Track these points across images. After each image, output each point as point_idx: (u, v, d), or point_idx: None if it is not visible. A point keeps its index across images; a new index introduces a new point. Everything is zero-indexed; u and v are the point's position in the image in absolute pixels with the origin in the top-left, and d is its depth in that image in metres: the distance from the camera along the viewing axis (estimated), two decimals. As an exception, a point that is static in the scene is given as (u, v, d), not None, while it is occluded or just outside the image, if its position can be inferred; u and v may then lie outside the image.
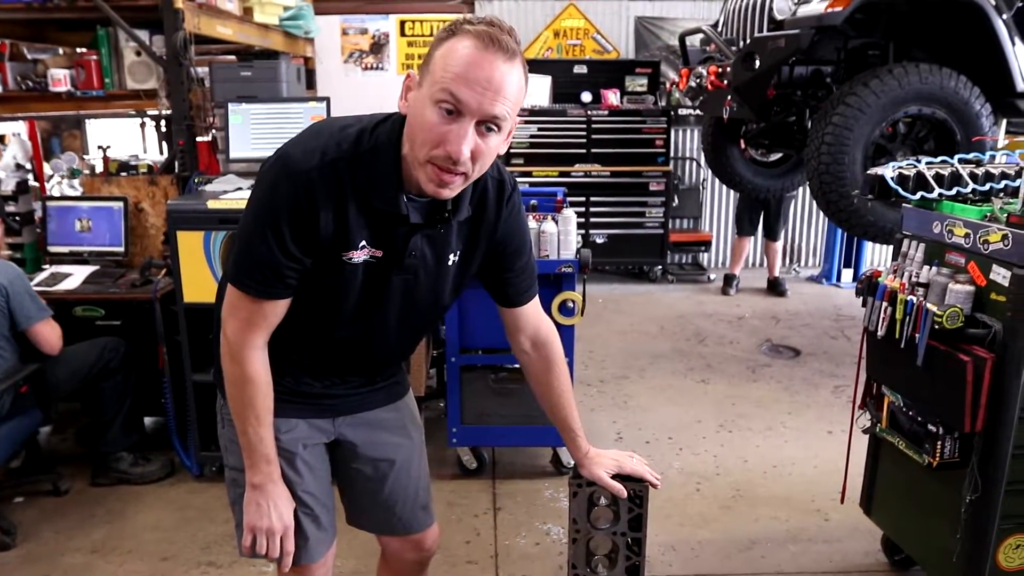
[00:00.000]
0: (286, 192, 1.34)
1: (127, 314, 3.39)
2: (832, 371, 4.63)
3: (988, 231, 2.09)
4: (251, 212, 1.41)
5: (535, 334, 1.72)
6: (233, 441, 1.58)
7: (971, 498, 2.15)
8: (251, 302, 1.42)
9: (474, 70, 1.24)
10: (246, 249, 1.41)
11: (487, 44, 1.25)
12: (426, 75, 1.30)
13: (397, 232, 1.42)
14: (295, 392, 1.59)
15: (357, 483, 1.75)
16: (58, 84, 3.78)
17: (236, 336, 1.45)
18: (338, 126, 1.40)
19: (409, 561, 1.89)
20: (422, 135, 1.29)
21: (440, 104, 1.26)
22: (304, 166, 1.33)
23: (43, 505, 3.14)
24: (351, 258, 1.41)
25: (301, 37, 5.56)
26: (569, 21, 7.09)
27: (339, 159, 1.35)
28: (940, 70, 3.75)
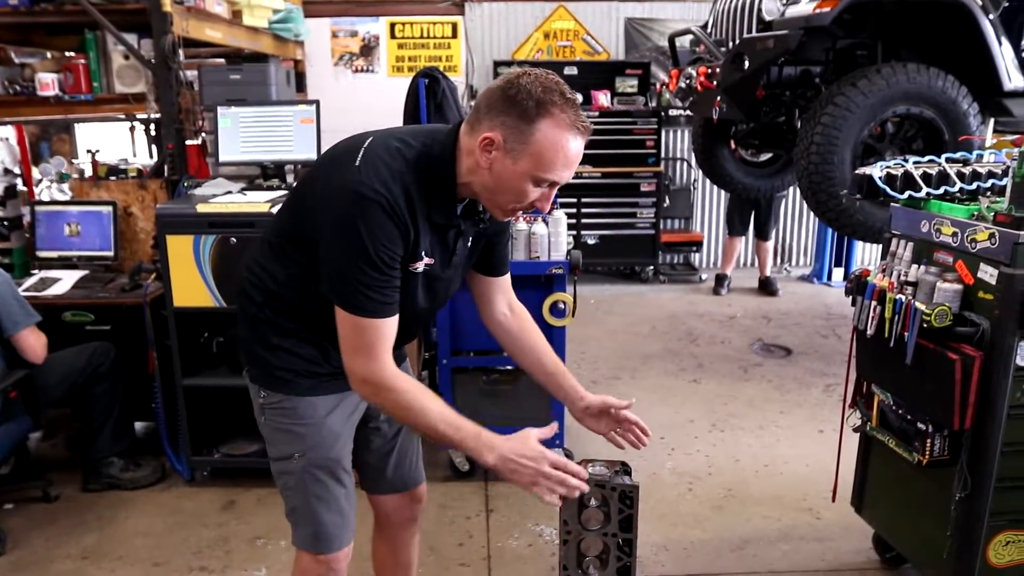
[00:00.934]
0: (387, 220, 1.47)
1: (117, 319, 3.37)
2: (823, 370, 4.65)
3: (975, 230, 2.10)
4: (350, 242, 1.47)
5: (510, 300, 1.90)
6: (276, 430, 1.73)
7: (961, 495, 2.16)
8: (371, 323, 1.52)
9: (572, 160, 1.47)
10: (357, 278, 1.48)
11: (580, 132, 1.46)
12: (522, 153, 1.45)
13: (448, 238, 1.62)
14: (335, 373, 1.67)
15: (375, 444, 1.93)
16: (46, 88, 3.76)
17: (371, 366, 1.53)
18: (395, 150, 1.52)
19: (405, 518, 2.07)
20: (514, 197, 1.51)
21: (540, 183, 1.49)
22: (387, 193, 1.46)
23: (33, 512, 3.12)
24: (415, 268, 1.57)
25: (291, 40, 5.55)
26: (559, 23, 7.10)
27: (409, 184, 1.50)
28: (928, 70, 3.77)
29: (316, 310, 1.61)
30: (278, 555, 2.81)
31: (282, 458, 1.75)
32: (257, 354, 1.73)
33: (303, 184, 1.67)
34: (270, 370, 1.71)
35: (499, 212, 1.56)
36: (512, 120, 1.43)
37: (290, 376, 1.69)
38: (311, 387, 1.70)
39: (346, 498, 1.80)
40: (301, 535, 1.81)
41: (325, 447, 1.73)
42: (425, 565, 2.69)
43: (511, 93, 1.43)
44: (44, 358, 2.94)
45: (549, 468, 1.50)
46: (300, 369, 1.69)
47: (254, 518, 3.06)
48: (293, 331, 1.69)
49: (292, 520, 1.81)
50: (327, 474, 1.75)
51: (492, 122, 1.45)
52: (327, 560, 1.81)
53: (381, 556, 2.16)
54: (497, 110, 1.44)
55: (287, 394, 1.70)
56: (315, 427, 1.72)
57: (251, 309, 1.71)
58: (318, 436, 1.72)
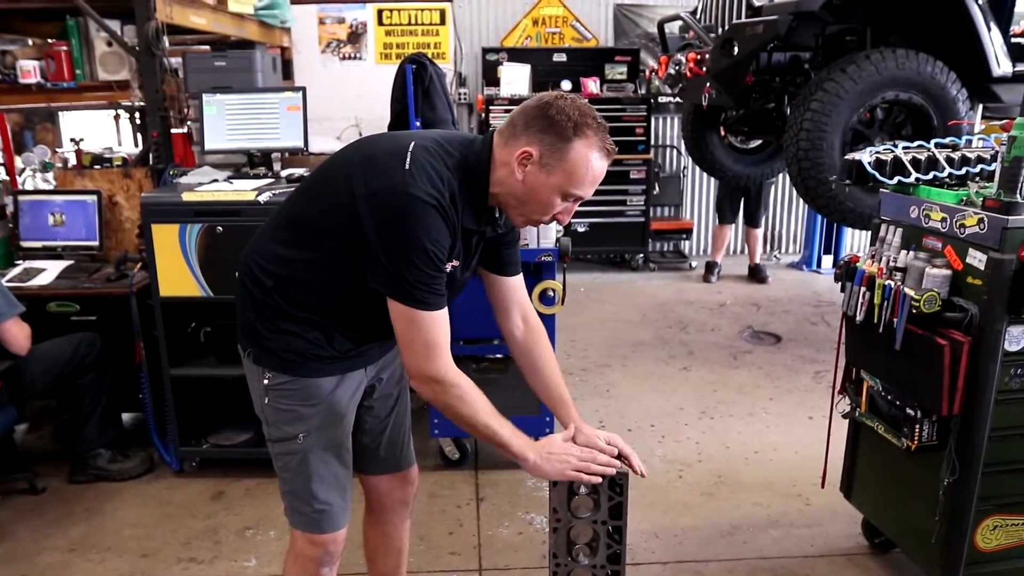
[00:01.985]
0: (440, 220, 1.56)
1: (103, 309, 3.34)
2: (812, 357, 4.66)
3: (964, 215, 2.10)
4: (411, 244, 1.54)
5: (525, 311, 1.91)
6: (280, 411, 1.76)
7: (949, 480, 2.17)
8: (433, 314, 1.59)
9: (597, 177, 1.60)
10: (418, 277, 1.56)
11: (609, 155, 1.59)
12: (556, 168, 1.57)
13: (471, 242, 1.70)
14: (342, 356, 1.76)
15: (368, 423, 1.97)
16: (27, 76, 3.70)
17: (435, 362, 1.61)
18: (437, 157, 1.60)
19: (397, 501, 2.11)
20: (541, 208, 1.62)
21: (567, 198, 1.61)
22: (437, 197, 1.55)
23: (19, 504, 3.10)
24: (447, 270, 1.63)
25: (277, 27, 5.49)
26: (548, 9, 7.06)
27: (455, 192, 1.59)
28: (917, 55, 3.76)
29: (326, 296, 1.69)
30: (267, 545, 2.80)
31: (284, 439, 1.78)
32: (263, 337, 1.76)
33: (334, 179, 1.66)
34: (277, 352, 1.74)
35: (521, 220, 1.67)
36: (550, 138, 1.55)
37: (297, 358, 1.73)
38: (317, 368, 1.75)
39: (347, 478, 1.85)
40: (298, 516, 1.83)
41: (330, 427, 1.79)
42: (416, 554, 2.68)
43: (550, 113, 1.55)
44: (27, 349, 2.91)
45: (578, 454, 1.68)
46: (307, 352, 1.73)
47: (243, 508, 3.04)
48: (301, 316, 1.72)
49: (289, 502, 1.84)
50: (332, 454, 1.80)
51: (531, 138, 1.56)
52: (323, 542, 1.83)
53: (373, 541, 2.17)
54: (536, 128, 1.56)
55: (294, 375, 1.74)
56: (320, 407, 1.77)
57: (259, 294, 1.74)
58: (323, 416, 1.77)
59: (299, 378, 1.75)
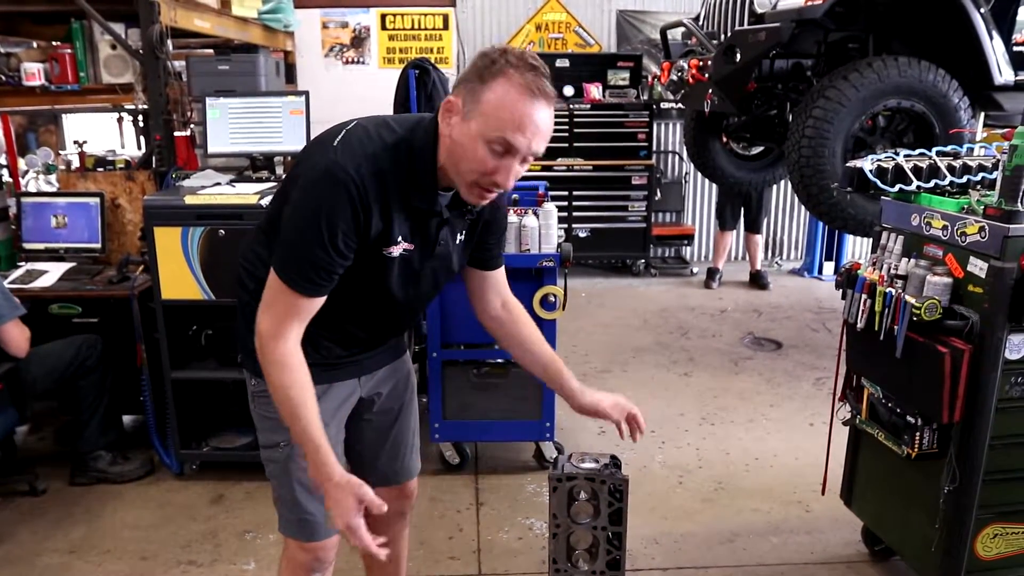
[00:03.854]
0: (345, 200, 1.45)
1: (104, 311, 3.34)
2: (813, 363, 4.66)
3: (965, 223, 2.10)
4: (308, 220, 1.49)
5: (505, 296, 1.88)
6: (264, 417, 1.73)
7: (949, 488, 2.17)
8: (296, 298, 1.52)
9: (526, 120, 1.41)
10: (300, 251, 1.50)
11: (536, 94, 1.40)
12: (475, 112, 1.43)
13: (429, 225, 1.59)
14: (327, 363, 1.72)
15: (367, 436, 1.93)
16: (32, 78, 3.72)
17: (271, 331, 1.53)
18: (374, 133, 1.53)
19: (394, 512, 1.98)
20: (471, 165, 1.45)
21: (492, 145, 1.42)
22: (356, 174, 1.46)
23: (20, 505, 3.10)
24: (390, 252, 1.56)
25: (280, 31, 5.51)
26: (551, 15, 7.07)
27: (384, 167, 1.49)
28: (919, 63, 3.77)
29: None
30: (267, 548, 2.80)
31: (269, 446, 1.77)
32: (248, 340, 1.68)
33: (291, 170, 1.67)
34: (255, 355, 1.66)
35: (465, 188, 1.51)
36: (470, 84, 1.44)
37: None
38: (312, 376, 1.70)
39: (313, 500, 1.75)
40: (286, 522, 1.81)
41: None
42: (415, 559, 2.68)
43: (478, 62, 1.45)
44: (26, 351, 2.91)
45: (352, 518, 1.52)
46: None
47: (243, 512, 3.05)
48: None
49: (278, 508, 1.82)
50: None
51: (456, 89, 1.48)
52: (313, 548, 1.81)
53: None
54: (462, 78, 1.47)
55: None
56: None
57: (244, 296, 1.71)
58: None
59: None
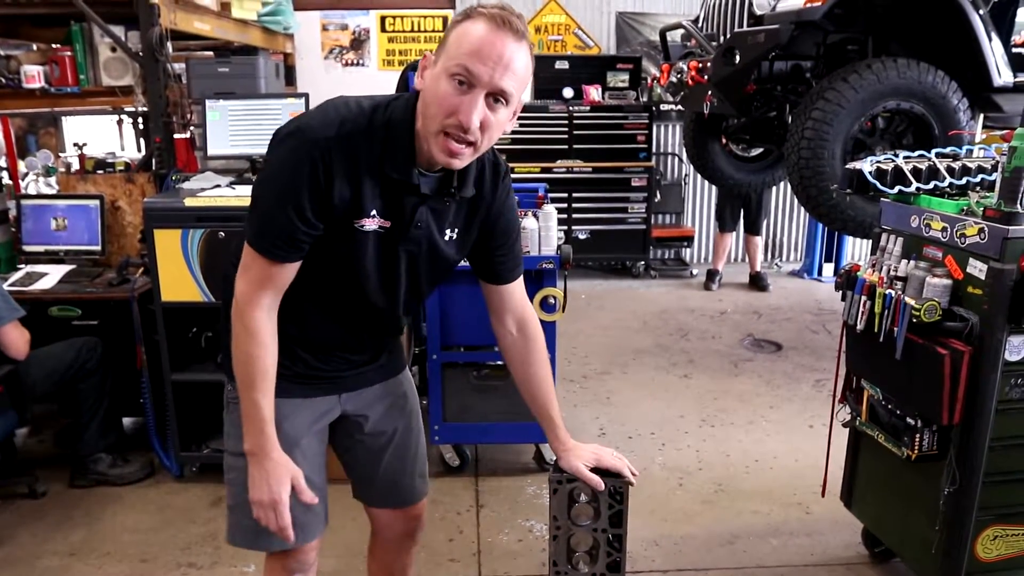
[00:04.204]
0: (306, 160, 1.40)
1: (104, 314, 3.34)
2: (813, 365, 4.66)
3: (965, 225, 2.10)
4: (269, 179, 1.48)
5: (521, 316, 1.77)
6: (235, 425, 1.65)
7: (949, 490, 2.17)
8: (265, 263, 1.48)
9: (487, 47, 1.35)
10: (265, 214, 1.47)
11: (499, 24, 1.36)
12: (441, 54, 1.40)
13: (406, 203, 1.50)
14: (304, 375, 1.66)
15: (360, 456, 1.83)
16: (32, 81, 3.72)
17: (245, 295, 1.51)
18: (352, 102, 1.48)
19: (399, 533, 1.96)
20: (436, 106, 1.38)
21: (454, 76, 1.36)
22: (323, 135, 1.41)
23: (19, 508, 3.10)
24: (362, 226, 1.48)
25: (280, 33, 5.51)
26: (550, 17, 7.08)
27: (355, 131, 1.43)
28: (918, 65, 3.77)
29: (286, 304, 1.56)
30: (267, 551, 2.80)
31: (235, 454, 1.67)
32: (227, 345, 1.66)
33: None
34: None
35: (433, 143, 1.40)
36: (443, 35, 1.42)
37: None
38: (284, 389, 1.61)
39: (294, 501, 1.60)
40: (241, 530, 1.69)
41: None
42: (415, 561, 2.67)
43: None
44: (26, 354, 2.90)
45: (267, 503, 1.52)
46: None
47: (243, 514, 3.04)
48: None
49: (233, 515, 1.72)
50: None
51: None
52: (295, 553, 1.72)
53: (373, 569, 2.06)
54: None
55: None
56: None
57: (227, 294, 1.64)
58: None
59: None
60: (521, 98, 1.47)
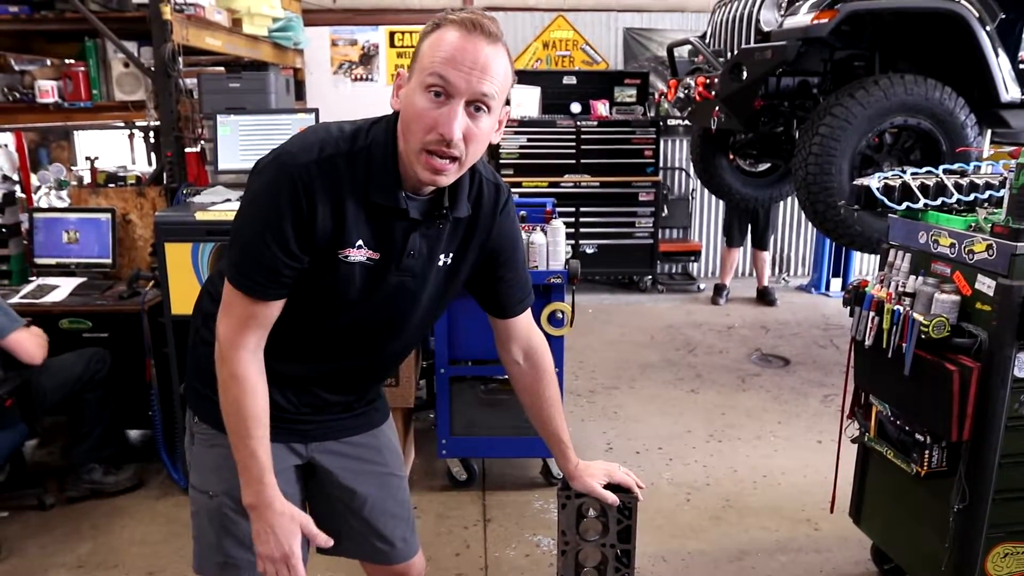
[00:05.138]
0: (286, 188, 1.34)
1: (114, 326, 3.36)
2: (821, 380, 4.65)
3: (973, 241, 2.10)
4: (249, 210, 1.41)
5: (527, 345, 1.71)
6: (200, 461, 1.58)
7: (959, 507, 2.16)
8: (248, 302, 1.40)
9: (460, 53, 1.28)
10: (245, 247, 1.40)
11: (471, 29, 1.29)
12: (415, 68, 1.33)
13: (395, 230, 1.42)
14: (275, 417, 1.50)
15: (333, 509, 1.70)
16: (45, 95, 3.76)
17: (228, 338, 1.41)
18: (334, 127, 1.42)
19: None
20: (415, 123, 1.32)
21: (430, 89, 1.29)
22: (302, 160, 1.34)
23: (28, 520, 3.11)
24: (347, 256, 1.40)
25: (290, 48, 5.55)
26: (558, 32, 7.13)
27: (336, 154, 1.36)
28: (925, 81, 3.78)
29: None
30: (274, 564, 2.80)
31: (200, 490, 1.58)
32: (191, 375, 1.60)
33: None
34: (202, 396, 1.56)
35: (417, 161, 1.34)
36: (415, 51, 1.35)
37: (218, 411, 1.47)
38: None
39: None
40: (207, 563, 1.60)
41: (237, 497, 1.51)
42: (422, 575, 2.67)
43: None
44: (42, 359, 2.89)
45: (277, 557, 1.42)
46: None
47: (250, 527, 3.04)
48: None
49: (197, 545, 1.62)
50: (242, 515, 1.50)
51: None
52: None
53: None
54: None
55: (217, 430, 1.50)
56: (235, 472, 1.47)
57: (196, 322, 1.59)
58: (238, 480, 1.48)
59: (220, 434, 1.48)
60: (506, 107, 1.40)
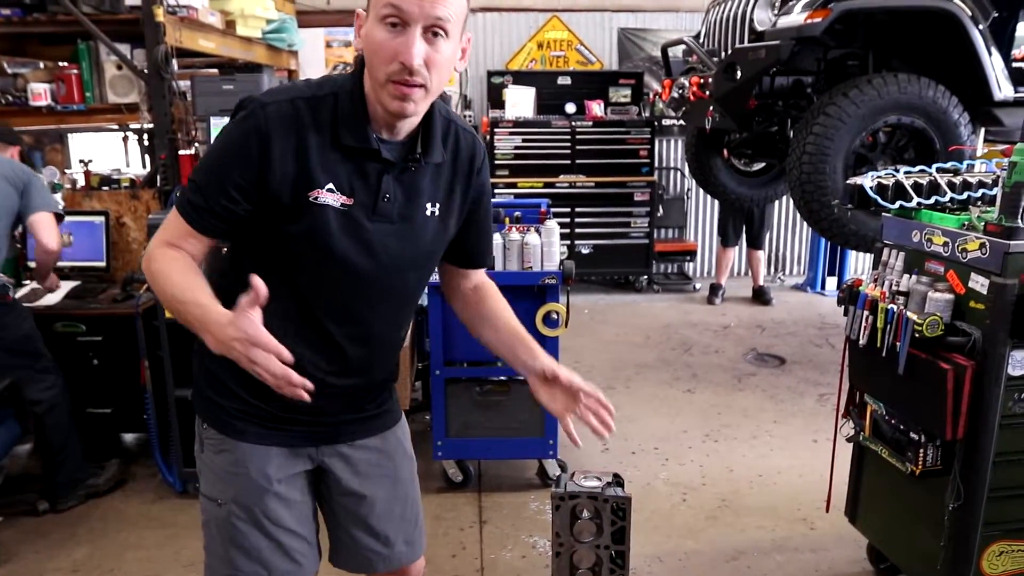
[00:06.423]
0: (241, 130, 1.37)
1: (108, 329, 3.36)
2: (817, 379, 4.65)
3: (966, 239, 2.11)
4: (210, 148, 1.46)
5: (478, 282, 1.72)
6: (208, 468, 1.56)
7: (954, 506, 2.16)
8: (183, 225, 1.40)
9: None
10: (194, 178, 1.42)
11: None
12: (371, 5, 1.34)
13: (368, 173, 1.41)
14: (279, 418, 1.51)
15: (339, 515, 1.67)
16: (38, 98, 3.74)
17: (156, 244, 1.42)
18: (303, 80, 1.47)
19: None
20: (377, 57, 1.33)
21: (386, 20, 1.30)
22: (263, 102, 1.37)
23: (22, 525, 3.09)
24: (316, 198, 1.37)
25: (284, 50, 5.54)
26: (552, 33, 7.13)
27: (299, 97, 1.38)
28: (919, 80, 3.79)
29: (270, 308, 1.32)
30: (270, 567, 2.79)
31: (209, 497, 1.56)
32: (197, 381, 1.57)
33: None
34: (209, 400, 1.54)
35: (383, 93, 1.34)
36: None
37: (228, 416, 1.51)
38: (255, 434, 1.51)
39: (272, 551, 1.54)
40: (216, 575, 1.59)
41: (253, 497, 1.52)
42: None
43: None
44: (58, 246, 3.07)
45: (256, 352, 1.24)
46: (237, 408, 1.50)
47: (246, 530, 3.04)
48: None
49: (207, 556, 1.61)
50: (251, 524, 1.52)
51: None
52: None
53: None
54: None
55: (224, 434, 1.52)
56: (245, 478, 1.51)
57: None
58: (248, 486, 1.52)
59: (227, 439, 1.51)
60: (467, 35, 1.40)
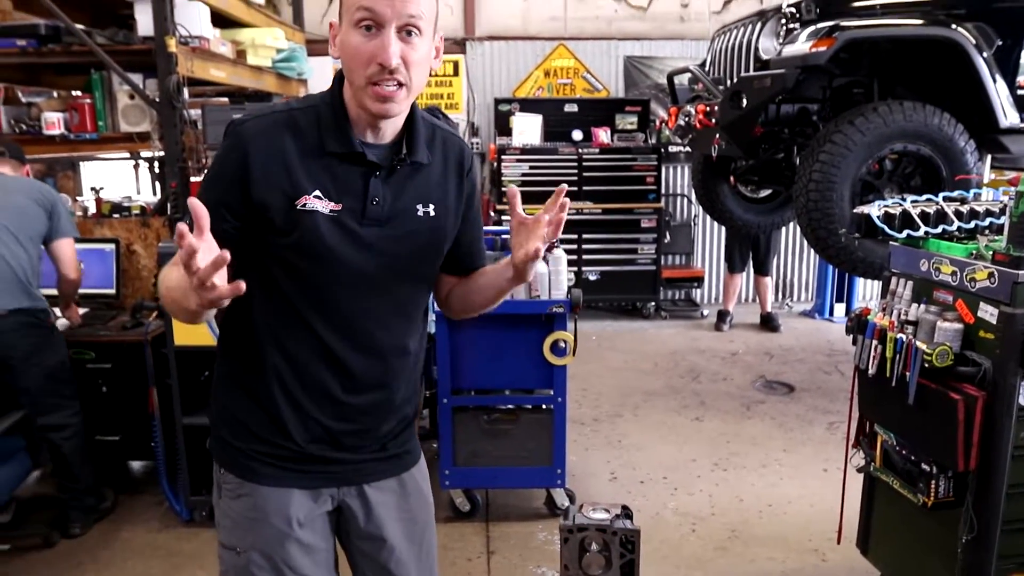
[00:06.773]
0: (224, 148, 1.42)
1: (118, 357, 3.37)
2: (826, 407, 4.62)
3: (974, 269, 2.10)
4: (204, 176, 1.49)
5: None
6: (226, 515, 1.52)
7: (967, 538, 2.13)
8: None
9: None
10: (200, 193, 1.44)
11: None
12: (343, 12, 1.37)
13: (354, 177, 1.41)
14: (298, 457, 1.48)
15: (357, 559, 1.63)
16: (52, 127, 3.79)
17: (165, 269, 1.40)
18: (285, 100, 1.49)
19: None
20: (355, 61, 1.34)
21: (360, 24, 1.32)
22: (241, 119, 1.41)
23: (30, 556, 3.08)
24: (304, 204, 1.38)
25: (294, 78, 5.62)
26: (559, 60, 7.20)
27: (277, 111, 1.43)
28: (924, 107, 3.80)
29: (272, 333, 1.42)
30: (276, 598, 2.77)
31: (227, 547, 1.51)
32: (215, 425, 1.53)
33: None
34: (228, 445, 1.50)
35: (364, 96, 1.36)
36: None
37: (245, 459, 1.47)
38: (275, 476, 1.47)
39: None
40: None
41: (274, 544, 1.48)
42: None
43: None
44: (77, 277, 3.19)
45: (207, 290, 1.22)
46: (255, 450, 1.47)
47: (252, 559, 3.02)
48: (242, 380, 1.47)
49: None
50: (272, 574, 1.48)
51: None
52: None
53: None
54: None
55: (242, 478, 1.48)
56: (264, 523, 1.47)
57: (216, 372, 1.54)
58: (268, 532, 1.48)
59: (246, 483, 1.46)
60: (439, 35, 1.42)
